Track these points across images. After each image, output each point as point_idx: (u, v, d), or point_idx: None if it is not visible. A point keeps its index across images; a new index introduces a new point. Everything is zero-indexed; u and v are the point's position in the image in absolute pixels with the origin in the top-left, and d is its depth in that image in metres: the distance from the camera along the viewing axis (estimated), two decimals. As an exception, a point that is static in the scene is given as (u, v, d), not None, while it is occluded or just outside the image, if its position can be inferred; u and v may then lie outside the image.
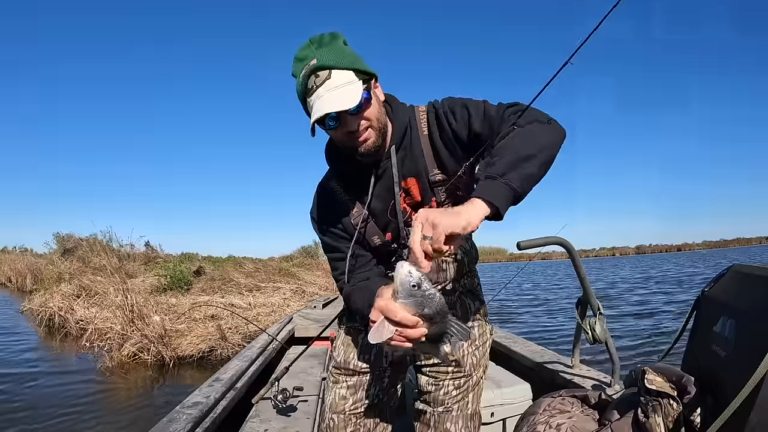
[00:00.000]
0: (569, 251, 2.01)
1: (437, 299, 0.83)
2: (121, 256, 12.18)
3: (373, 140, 1.07)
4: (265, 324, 6.79)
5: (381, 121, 1.08)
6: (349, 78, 1.00)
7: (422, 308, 0.83)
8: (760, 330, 1.01)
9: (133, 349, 6.10)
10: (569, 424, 1.36)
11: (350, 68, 1.01)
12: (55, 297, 9.37)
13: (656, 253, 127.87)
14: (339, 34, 1.04)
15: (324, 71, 0.99)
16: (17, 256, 20.26)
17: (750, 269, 1.18)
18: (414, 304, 0.83)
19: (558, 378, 2.21)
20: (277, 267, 13.81)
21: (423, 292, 0.82)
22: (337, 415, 1.26)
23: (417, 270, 0.82)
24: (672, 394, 1.14)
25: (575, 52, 1.06)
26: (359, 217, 1.18)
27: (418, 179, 1.16)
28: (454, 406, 1.26)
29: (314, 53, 1.00)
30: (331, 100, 0.98)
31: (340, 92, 0.99)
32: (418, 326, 0.84)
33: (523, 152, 0.92)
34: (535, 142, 0.94)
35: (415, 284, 0.81)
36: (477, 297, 1.33)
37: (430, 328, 0.85)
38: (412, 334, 0.84)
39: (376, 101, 1.07)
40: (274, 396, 2.16)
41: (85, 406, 4.40)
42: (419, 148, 1.15)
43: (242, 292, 10.18)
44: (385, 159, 1.14)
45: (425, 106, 1.19)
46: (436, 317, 0.84)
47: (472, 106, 1.10)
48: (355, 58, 1.04)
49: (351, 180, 1.20)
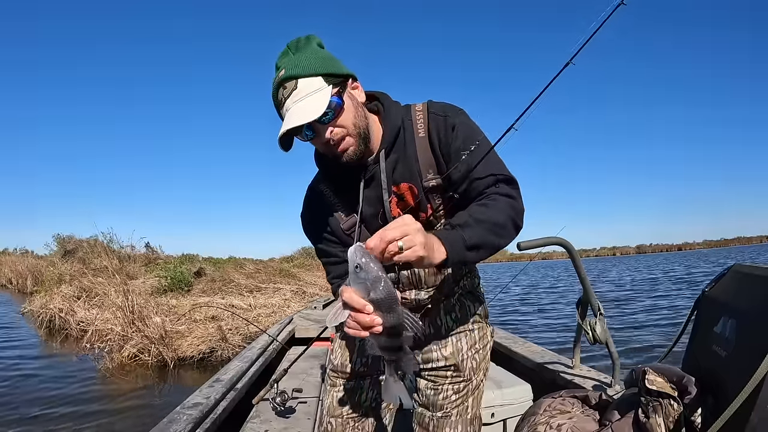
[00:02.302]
0: (569, 251, 2.01)
1: (383, 285, 0.81)
2: (121, 257, 12.17)
3: (353, 148, 1.03)
4: (265, 325, 6.80)
5: (359, 125, 1.03)
6: (317, 85, 0.97)
7: (368, 292, 0.82)
8: (761, 330, 1.01)
9: (133, 350, 6.11)
10: (570, 425, 1.35)
11: (318, 74, 0.98)
12: (56, 298, 9.38)
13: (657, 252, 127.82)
14: (314, 37, 1.02)
15: (290, 82, 0.97)
16: (18, 258, 20.28)
17: (750, 269, 1.18)
18: (361, 287, 0.82)
19: (558, 378, 2.21)
20: (277, 268, 13.83)
21: (367, 273, 0.80)
22: (334, 419, 1.25)
23: (364, 253, 0.81)
24: (673, 394, 1.14)
25: (577, 53, 1.05)
26: (348, 222, 1.16)
27: (412, 184, 1.11)
28: (453, 411, 1.23)
29: (285, 62, 0.99)
30: (297, 112, 0.96)
31: (305, 102, 0.96)
32: (367, 311, 0.82)
33: (493, 227, 0.98)
34: (502, 220, 0.99)
35: (356, 265, 0.80)
36: (477, 298, 1.31)
37: (383, 319, 0.84)
38: (362, 318, 0.82)
39: (351, 105, 1.03)
40: (272, 398, 2.16)
41: (86, 407, 4.39)
42: (414, 151, 1.10)
43: (243, 293, 10.19)
44: (373, 163, 1.10)
45: (422, 104, 1.14)
46: (383, 305, 0.83)
47: (470, 150, 1.06)
48: (327, 61, 1.01)
49: (340, 183, 1.16)
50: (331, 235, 1.20)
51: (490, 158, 1.07)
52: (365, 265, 0.80)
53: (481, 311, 1.30)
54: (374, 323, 0.83)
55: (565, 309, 10.83)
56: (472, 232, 0.95)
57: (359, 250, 0.81)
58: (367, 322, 0.82)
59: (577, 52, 1.05)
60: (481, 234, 0.95)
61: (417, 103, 1.16)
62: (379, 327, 0.83)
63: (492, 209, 0.99)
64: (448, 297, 1.25)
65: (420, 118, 1.12)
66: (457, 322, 1.25)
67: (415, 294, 1.22)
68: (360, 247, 0.82)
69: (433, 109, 1.12)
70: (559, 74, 1.06)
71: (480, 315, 1.30)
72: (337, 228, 1.18)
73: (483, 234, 0.96)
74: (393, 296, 0.83)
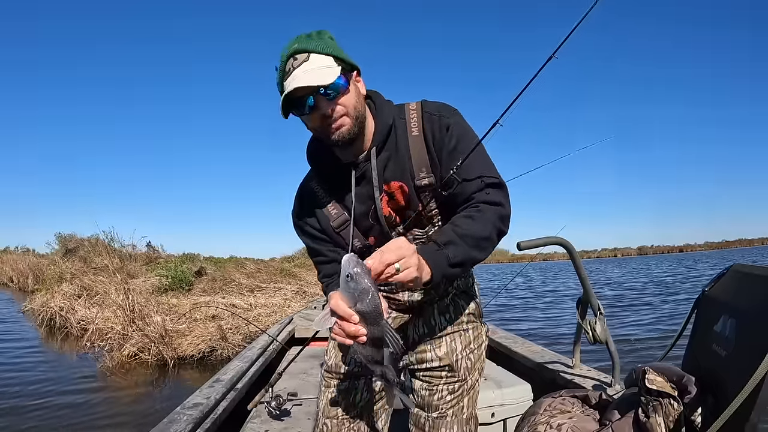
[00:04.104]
0: (569, 251, 2.01)
1: (370, 298, 0.83)
2: (122, 256, 12.20)
3: (347, 127, 1.04)
4: (265, 325, 6.79)
5: (358, 110, 1.05)
6: (328, 62, 1.00)
7: (355, 303, 0.84)
8: (761, 329, 1.01)
9: (133, 349, 6.11)
10: (570, 425, 1.35)
11: (330, 54, 1.01)
12: (57, 297, 9.39)
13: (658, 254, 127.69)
14: (325, 31, 1.05)
15: (303, 54, 0.99)
16: (19, 257, 20.29)
17: (750, 269, 1.18)
18: (349, 296, 0.84)
19: (559, 378, 2.21)
20: (278, 267, 13.84)
21: (356, 284, 0.82)
22: (330, 420, 1.25)
23: (357, 264, 0.82)
24: (673, 393, 1.14)
25: (560, 47, 1.07)
26: (338, 220, 1.16)
27: (403, 183, 1.11)
28: (448, 411, 1.23)
29: (297, 41, 1.01)
30: (306, 77, 0.97)
31: (316, 72, 0.98)
32: (353, 320, 0.84)
33: (477, 242, 1.01)
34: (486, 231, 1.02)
35: (348, 275, 0.82)
36: (471, 298, 1.30)
37: (367, 330, 0.85)
38: (347, 327, 0.84)
39: (354, 91, 1.05)
40: (268, 402, 2.16)
41: (86, 406, 4.40)
42: (406, 149, 1.11)
43: (243, 292, 10.20)
44: (365, 161, 1.10)
45: (416, 103, 1.14)
46: (368, 317, 0.84)
47: (464, 155, 1.06)
48: (337, 48, 1.03)
49: (332, 181, 1.16)
50: (322, 233, 1.20)
51: (480, 160, 1.08)
52: (357, 275, 0.82)
53: (475, 311, 1.30)
54: (359, 333, 0.85)
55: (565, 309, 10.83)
56: (456, 250, 0.98)
57: (353, 260, 0.83)
58: (352, 331, 0.84)
59: (559, 47, 1.07)
60: (464, 251, 0.99)
61: (411, 102, 1.16)
62: (364, 337, 0.85)
63: (477, 222, 1.02)
64: (442, 297, 1.25)
65: (414, 117, 1.12)
66: (451, 323, 1.25)
67: (408, 296, 1.22)
68: (354, 258, 0.83)
69: (428, 108, 1.12)
70: (542, 69, 1.08)
71: (474, 314, 1.29)
72: (328, 226, 1.18)
73: (467, 250, 0.99)
74: (378, 310, 0.85)
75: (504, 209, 1.06)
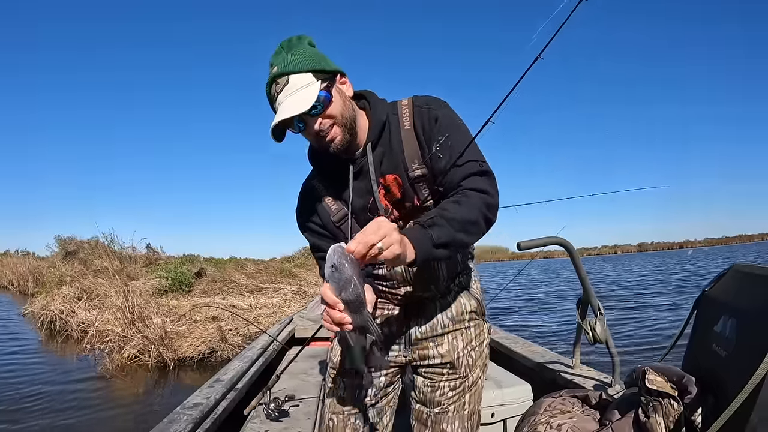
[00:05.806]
0: (569, 251, 2.01)
1: (353, 287, 0.89)
2: (122, 258, 12.18)
3: (340, 138, 1.08)
4: (265, 325, 6.79)
5: (346, 116, 1.09)
6: (307, 80, 1.04)
7: (340, 291, 0.90)
8: (761, 329, 1.01)
9: (133, 351, 6.11)
10: (570, 425, 1.35)
11: (308, 70, 1.05)
12: (57, 300, 9.40)
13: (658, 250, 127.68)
14: (305, 36, 1.10)
15: (282, 78, 1.04)
16: (19, 260, 20.30)
17: (750, 269, 1.18)
18: (335, 285, 0.90)
19: (559, 378, 2.21)
20: (278, 268, 13.84)
21: (341, 275, 0.88)
22: (336, 416, 1.27)
23: (341, 255, 0.87)
24: (673, 394, 1.13)
25: (546, 47, 1.09)
26: (338, 214, 1.20)
27: (397, 176, 1.16)
28: (450, 407, 1.25)
29: (278, 60, 1.06)
30: (288, 105, 1.03)
31: (296, 96, 1.03)
32: (338, 308, 0.90)
33: (463, 225, 1.02)
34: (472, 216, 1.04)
35: (332, 265, 0.88)
36: (473, 296, 1.31)
37: (351, 318, 0.91)
38: (333, 314, 0.91)
39: (339, 97, 1.09)
40: (266, 404, 2.15)
41: (86, 408, 4.40)
42: (399, 143, 1.15)
43: (243, 293, 10.20)
44: (361, 156, 1.15)
45: (408, 99, 1.19)
46: (351, 306, 0.90)
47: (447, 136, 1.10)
48: (316, 58, 1.07)
49: (332, 178, 1.21)
50: (323, 229, 1.23)
51: (469, 148, 1.11)
52: (340, 266, 0.88)
53: (477, 308, 1.31)
54: (344, 320, 0.91)
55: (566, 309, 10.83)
56: (441, 231, 0.99)
57: (338, 251, 0.88)
58: (337, 318, 0.91)
59: (545, 47, 1.09)
60: (449, 233, 1.00)
61: (403, 98, 1.20)
62: (349, 325, 0.92)
63: (464, 206, 1.04)
64: (444, 295, 1.26)
65: (405, 111, 1.16)
66: (453, 320, 1.26)
67: (409, 290, 1.23)
68: (339, 248, 0.88)
69: (418, 102, 1.17)
70: (529, 69, 1.11)
71: (476, 312, 1.30)
72: (328, 221, 1.22)
73: (452, 232, 1.00)
74: (360, 299, 0.91)
75: (491, 198, 1.08)
